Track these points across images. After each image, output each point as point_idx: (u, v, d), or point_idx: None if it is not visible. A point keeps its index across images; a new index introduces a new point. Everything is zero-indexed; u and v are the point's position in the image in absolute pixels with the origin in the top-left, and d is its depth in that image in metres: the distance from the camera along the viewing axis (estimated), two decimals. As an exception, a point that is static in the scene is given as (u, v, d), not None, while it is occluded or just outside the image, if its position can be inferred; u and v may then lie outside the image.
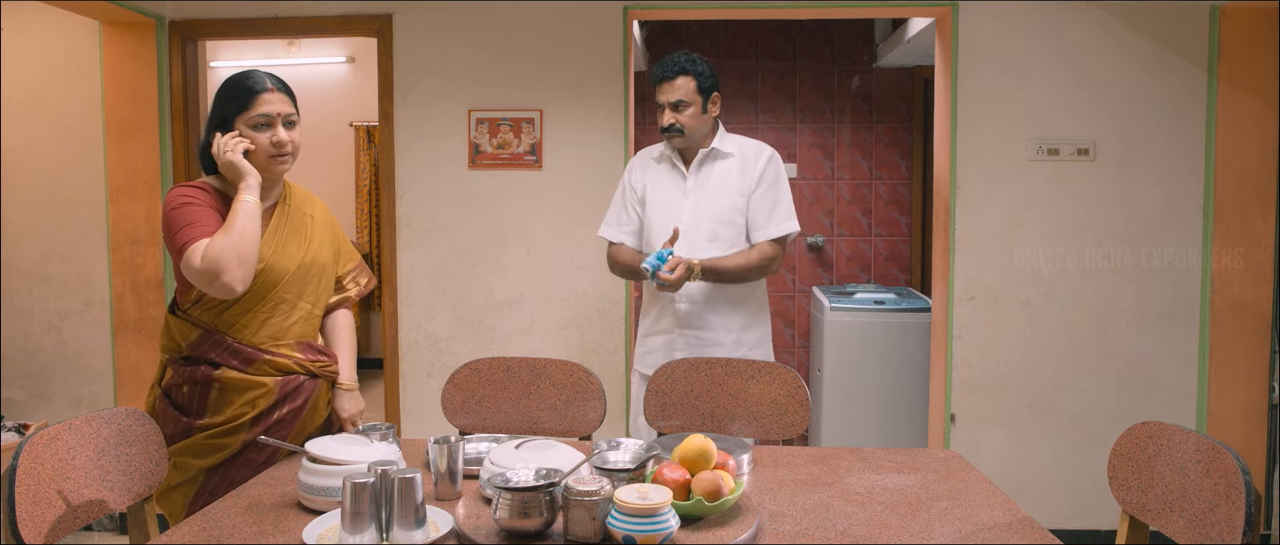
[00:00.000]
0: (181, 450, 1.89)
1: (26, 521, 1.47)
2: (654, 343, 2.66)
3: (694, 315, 2.59)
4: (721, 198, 2.59)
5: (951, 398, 3.42)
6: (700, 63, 2.57)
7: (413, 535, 1.42)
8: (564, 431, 2.23)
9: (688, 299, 2.58)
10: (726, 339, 2.59)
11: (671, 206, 2.62)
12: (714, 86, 2.59)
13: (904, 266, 5.13)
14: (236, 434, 1.90)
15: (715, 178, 2.61)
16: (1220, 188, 3.28)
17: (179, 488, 1.91)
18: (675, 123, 2.55)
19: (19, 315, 3.64)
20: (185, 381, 1.90)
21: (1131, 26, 3.30)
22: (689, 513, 1.49)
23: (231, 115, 1.87)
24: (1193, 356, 3.34)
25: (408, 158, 3.47)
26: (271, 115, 1.88)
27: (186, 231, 1.79)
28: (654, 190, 2.66)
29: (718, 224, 2.58)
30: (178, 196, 1.84)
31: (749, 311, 2.63)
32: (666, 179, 2.66)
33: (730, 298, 2.59)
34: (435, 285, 3.50)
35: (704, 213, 2.59)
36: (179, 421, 1.89)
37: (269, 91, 1.88)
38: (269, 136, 1.88)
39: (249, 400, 1.91)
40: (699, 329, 2.59)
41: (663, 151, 2.70)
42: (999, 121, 3.34)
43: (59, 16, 3.49)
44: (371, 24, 3.45)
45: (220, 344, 1.89)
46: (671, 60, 2.56)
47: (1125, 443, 1.68)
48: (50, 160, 3.58)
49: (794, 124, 5.09)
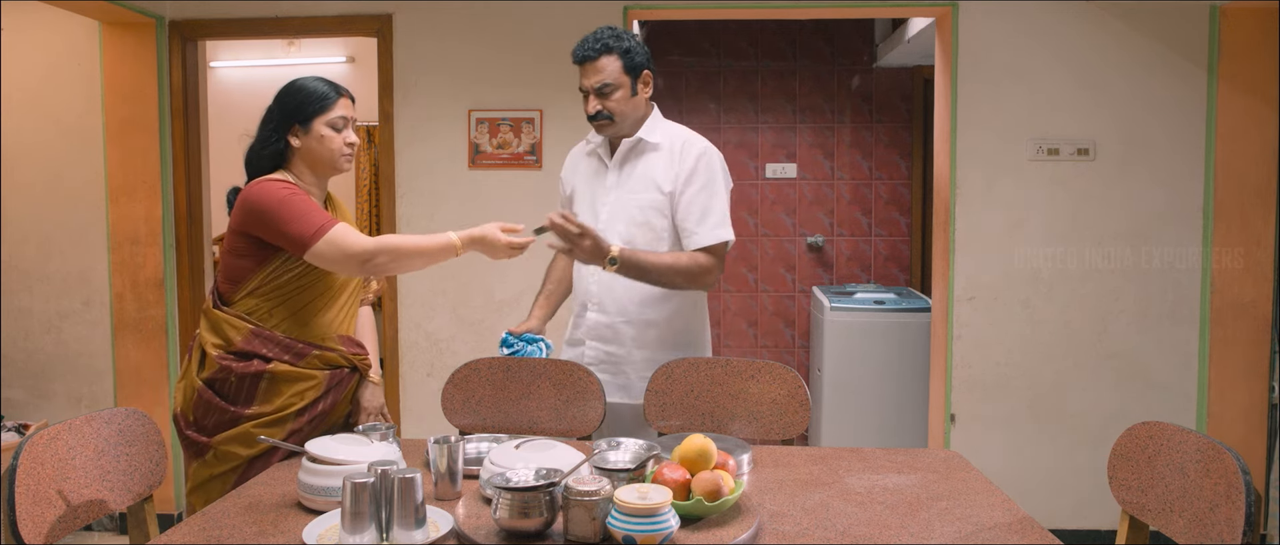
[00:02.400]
0: (228, 439, 1.92)
1: (26, 521, 1.47)
2: (569, 352, 2.37)
3: (604, 326, 2.29)
4: (641, 194, 2.25)
5: (951, 398, 3.42)
6: (627, 38, 2.23)
7: (413, 535, 1.42)
8: (564, 431, 2.23)
9: (598, 305, 2.28)
10: (638, 356, 2.27)
11: (595, 205, 2.31)
12: (645, 64, 2.25)
13: (904, 266, 5.13)
14: (284, 424, 1.94)
15: (639, 171, 2.27)
16: (1220, 188, 3.28)
17: (219, 477, 1.93)
18: (602, 109, 2.22)
19: (19, 315, 3.64)
20: (233, 372, 1.92)
21: (1132, 26, 3.29)
22: (689, 513, 1.48)
23: (311, 115, 1.96)
24: (1193, 356, 3.34)
25: (408, 158, 3.47)
26: (347, 118, 2.00)
27: (312, 217, 1.87)
28: (580, 188, 2.38)
29: (632, 225, 2.24)
30: (282, 187, 1.90)
31: (670, 329, 2.28)
32: (590, 175, 2.36)
33: (643, 308, 2.25)
34: (435, 285, 3.50)
35: (621, 209, 2.26)
36: (226, 411, 1.92)
37: (344, 97, 2.01)
38: (344, 137, 2.00)
39: (299, 392, 1.95)
40: (610, 342, 2.29)
41: (591, 143, 2.39)
42: (999, 121, 3.34)
43: (59, 16, 3.49)
44: (371, 24, 3.45)
45: (272, 340, 1.93)
46: (594, 37, 2.22)
47: (1125, 443, 1.68)
48: (50, 160, 3.58)
49: (794, 124, 5.09)
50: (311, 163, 2.00)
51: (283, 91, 2.00)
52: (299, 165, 2.00)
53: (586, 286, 2.32)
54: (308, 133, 1.97)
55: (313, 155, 1.99)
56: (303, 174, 2.00)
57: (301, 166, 2.00)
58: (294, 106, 1.97)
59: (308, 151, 1.98)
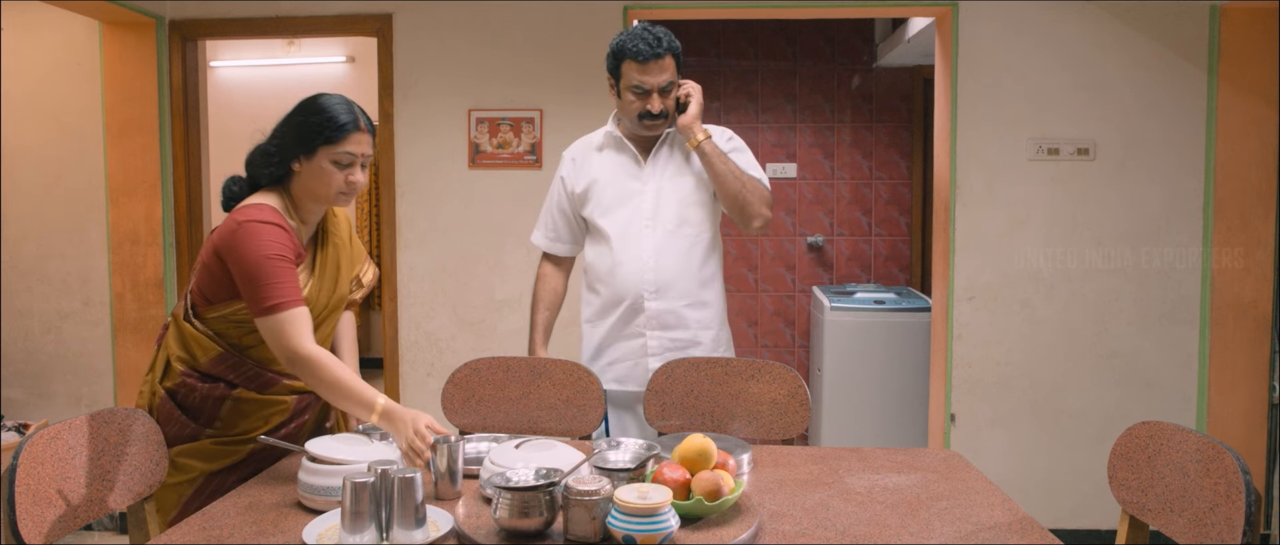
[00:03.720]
0: (186, 452, 1.85)
1: (26, 521, 1.47)
2: (618, 351, 2.34)
3: (668, 314, 2.30)
4: (686, 178, 2.30)
5: (951, 398, 3.42)
6: (675, 38, 2.28)
7: (413, 535, 1.42)
8: (564, 431, 2.23)
9: (656, 293, 2.28)
10: (705, 337, 2.32)
11: (629, 198, 2.31)
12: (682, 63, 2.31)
13: (904, 266, 5.13)
14: (247, 444, 1.87)
15: (676, 160, 2.32)
16: (1220, 188, 3.28)
17: (174, 487, 1.86)
18: (664, 107, 2.24)
19: (19, 315, 3.64)
20: (197, 389, 1.85)
21: (1132, 26, 3.29)
22: (689, 513, 1.48)
23: (318, 144, 1.80)
24: (1193, 356, 3.34)
25: (408, 158, 3.47)
26: (356, 155, 1.83)
27: (278, 289, 1.74)
28: (604, 185, 2.33)
29: (685, 206, 2.29)
30: (274, 242, 1.76)
31: (720, 307, 2.37)
32: (617, 168, 2.33)
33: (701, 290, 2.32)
34: (435, 285, 3.50)
35: (668, 196, 2.29)
36: (186, 425, 1.85)
37: (361, 132, 1.83)
38: (346, 176, 1.83)
39: (263, 416, 1.88)
40: (675, 329, 2.31)
41: (606, 138, 2.36)
42: (999, 121, 3.34)
43: (59, 16, 3.49)
44: (371, 24, 3.45)
45: (240, 367, 1.85)
46: (655, 36, 2.22)
47: (1125, 443, 1.68)
48: (50, 160, 3.58)
49: (794, 124, 5.09)
50: (308, 191, 1.86)
51: (301, 106, 1.85)
52: (298, 188, 1.87)
53: (639, 278, 2.29)
54: (310, 159, 1.82)
55: (307, 186, 1.84)
56: (300, 198, 1.87)
57: (300, 190, 1.87)
58: (306, 129, 1.82)
59: (305, 179, 1.84)
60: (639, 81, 2.21)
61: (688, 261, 2.30)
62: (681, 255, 2.29)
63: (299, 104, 1.86)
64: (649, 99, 2.22)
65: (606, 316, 2.34)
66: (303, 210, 1.89)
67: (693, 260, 2.30)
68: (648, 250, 2.29)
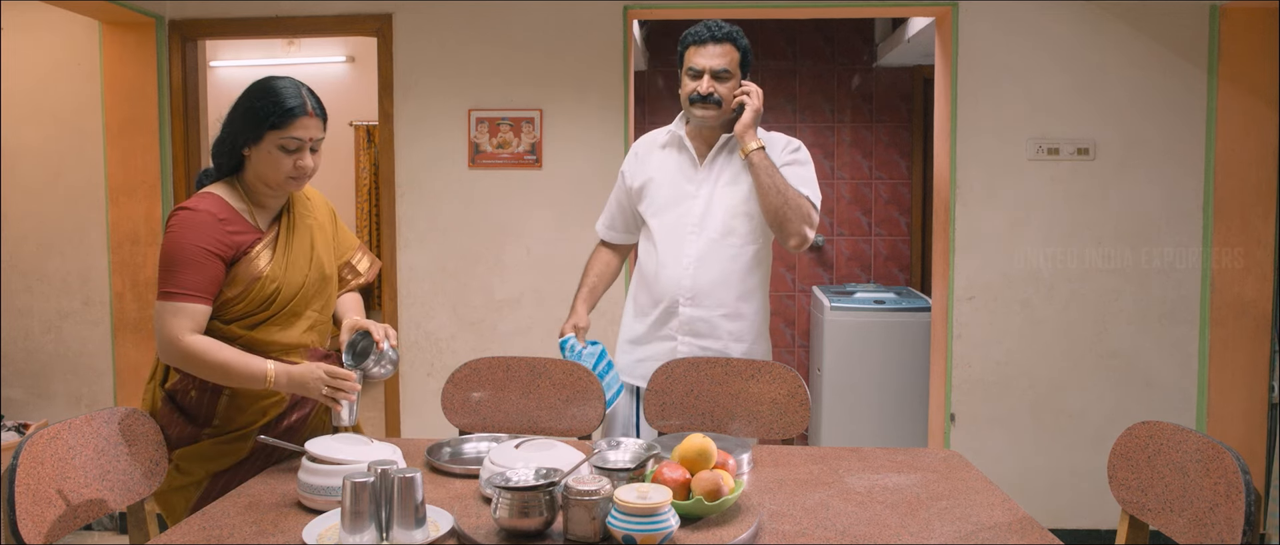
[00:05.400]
0: (187, 455, 1.85)
1: (26, 521, 1.47)
2: (649, 350, 2.39)
3: (701, 321, 2.32)
4: (739, 187, 2.28)
5: (951, 397, 3.42)
6: (743, 36, 2.28)
7: (413, 535, 1.42)
8: (564, 431, 2.23)
9: (692, 300, 2.31)
10: (736, 350, 2.33)
11: (681, 201, 2.33)
12: (749, 67, 2.31)
13: (904, 266, 5.13)
14: (247, 440, 1.87)
15: (733, 167, 2.30)
16: (1220, 188, 3.28)
17: (180, 491, 1.87)
18: (714, 92, 2.23)
19: (19, 315, 3.64)
20: (193, 387, 1.84)
21: (1131, 26, 3.29)
22: (689, 512, 1.49)
23: (265, 129, 1.77)
24: (1193, 356, 3.34)
25: (408, 157, 3.47)
26: (303, 140, 1.80)
27: (177, 277, 1.73)
28: (659, 184, 2.35)
29: (734, 215, 2.28)
30: (194, 233, 1.74)
31: (759, 321, 2.37)
32: (674, 169, 2.35)
33: (739, 302, 2.32)
34: (435, 285, 3.50)
35: (719, 204, 2.29)
36: (185, 427, 1.85)
37: (309, 116, 1.80)
38: (294, 160, 1.80)
39: (261, 408, 1.88)
40: (706, 337, 2.33)
41: (671, 136, 2.38)
42: (999, 121, 3.34)
43: (59, 16, 3.49)
44: (371, 24, 3.45)
45: None
46: (716, 24, 2.24)
47: (1125, 442, 1.68)
48: (50, 159, 3.58)
49: (794, 124, 5.09)
50: (259, 176, 1.83)
51: (249, 90, 1.81)
52: (250, 174, 1.84)
53: (677, 283, 2.32)
54: (258, 145, 1.79)
55: (258, 171, 1.82)
56: (253, 184, 1.85)
57: (252, 176, 1.84)
58: (250, 112, 1.78)
59: (255, 164, 1.81)
60: (692, 62, 2.26)
61: (729, 271, 2.31)
62: (723, 264, 2.31)
63: (248, 87, 1.82)
64: (700, 80, 2.25)
65: (646, 315, 2.39)
66: (257, 196, 1.87)
67: (734, 270, 2.31)
68: (690, 256, 2.31)
